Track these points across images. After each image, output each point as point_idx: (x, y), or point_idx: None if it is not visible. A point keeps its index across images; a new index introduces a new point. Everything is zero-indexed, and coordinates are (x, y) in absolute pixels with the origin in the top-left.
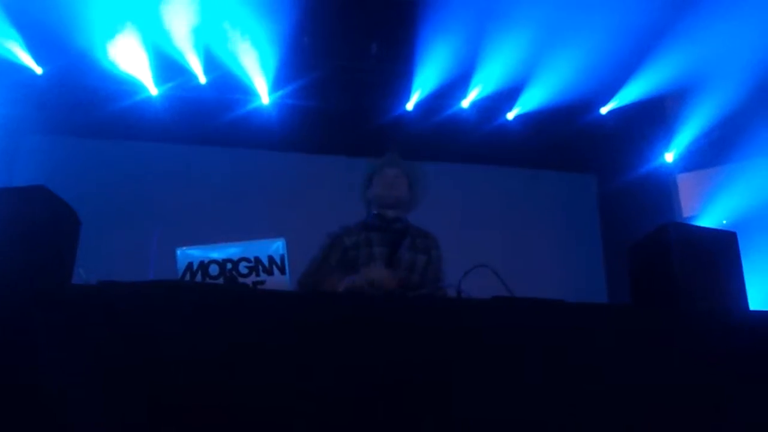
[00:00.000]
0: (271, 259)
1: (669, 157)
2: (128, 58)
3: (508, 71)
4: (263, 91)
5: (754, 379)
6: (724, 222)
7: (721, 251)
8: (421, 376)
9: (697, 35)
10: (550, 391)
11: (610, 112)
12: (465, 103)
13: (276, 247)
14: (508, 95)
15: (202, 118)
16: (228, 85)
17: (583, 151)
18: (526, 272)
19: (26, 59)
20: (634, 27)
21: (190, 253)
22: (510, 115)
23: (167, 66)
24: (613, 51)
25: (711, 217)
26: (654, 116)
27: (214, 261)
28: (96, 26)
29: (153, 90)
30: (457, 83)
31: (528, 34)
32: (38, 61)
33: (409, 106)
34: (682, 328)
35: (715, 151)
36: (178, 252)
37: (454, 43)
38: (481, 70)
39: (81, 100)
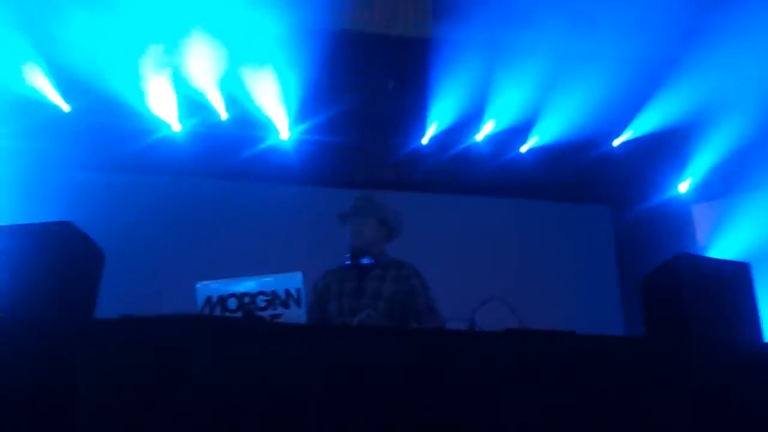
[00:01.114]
0: (288, 292)
1: (683, 187)
2: (153, 95)
3: (521, 105)
4: (282, 126)
5: (762, 410)
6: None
7: (733, 282)
8: (440, 406)
9: (710, 65)
10: (564, 421)
11: (623, 144)
12: (479, 137)
13: (293, 280)
14: (521, 129)
15: (224, 153)
16: (248, 121)
17: (597, 182)
18: (543, 305)
19: (54, 97)
20: (646, 58)
21: (210, 287)
22: (523, 149)
23: (190, 103)
24: (625, 83)
25: (727, 247)
26: (668, 147)
27: (233, 295)
28: (122, 65)
29: (176, 126)
30: (471, 118)
31: (540, 69)
32: (66, 99)
33: (425, 140)
34: (690, 360)
35: (731, 181)
36: (198, 286)
37: (467, 79)
38: (495, 104)
39: (106, 137)
